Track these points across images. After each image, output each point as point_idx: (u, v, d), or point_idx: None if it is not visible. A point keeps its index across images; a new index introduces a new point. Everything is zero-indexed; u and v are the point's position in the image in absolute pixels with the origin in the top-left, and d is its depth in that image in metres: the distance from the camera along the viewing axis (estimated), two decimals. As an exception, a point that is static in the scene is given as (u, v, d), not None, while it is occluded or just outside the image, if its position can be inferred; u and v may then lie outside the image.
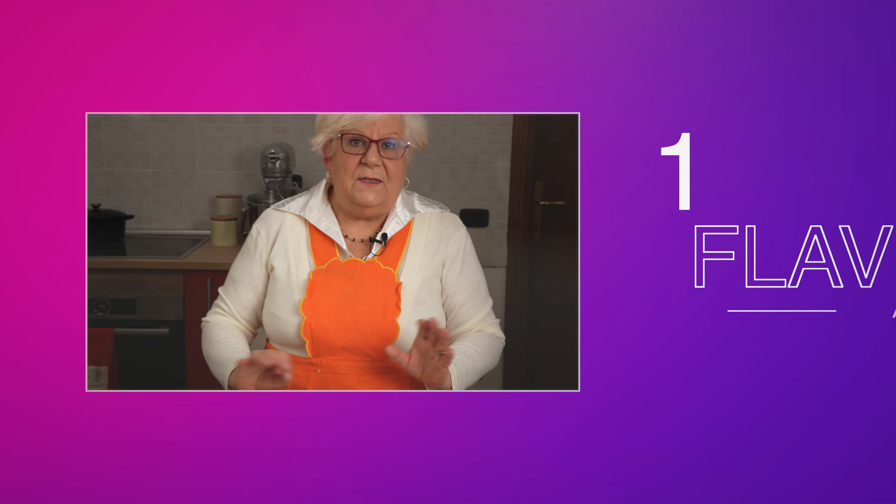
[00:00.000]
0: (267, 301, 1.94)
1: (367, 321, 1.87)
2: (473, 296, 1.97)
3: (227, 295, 1.99)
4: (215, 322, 1.98)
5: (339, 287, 1.88)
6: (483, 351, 1.92)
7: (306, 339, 1.86)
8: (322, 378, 1.88)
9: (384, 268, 1.92)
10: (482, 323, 1.99)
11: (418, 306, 1.89)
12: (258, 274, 1.96)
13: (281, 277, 1.91)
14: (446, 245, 1.95)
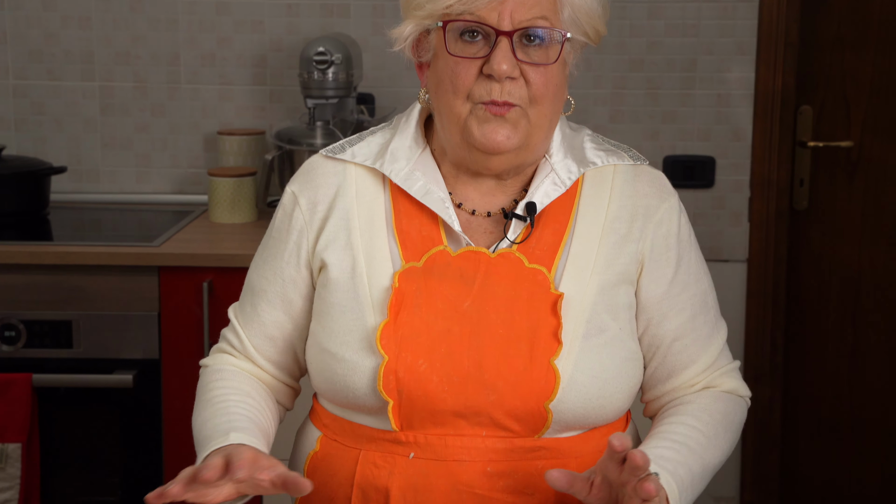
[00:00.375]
0: (314, 327, 1.67)
1: (500, 364, 1.58)
2: (696, 322, 1.71)
3: (240, 317, 1.75)
4: (216, 367, 1.74)
5: (449, 301, 1.61)
6: (717, 435, 1.68)
7: (388, 397, 1.58)
8: (417, 469, 1.61)
9: (530, 266, 1.64)
10: (711, 372, 1.73)
11: (593, 339, 1.62)
12: (294, 278, 1.71)
13: (338, 284, 1.65)
14: (644, 226, 1.69)
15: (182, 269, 2.87)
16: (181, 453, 2.90)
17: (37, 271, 2.88)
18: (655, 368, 1.71)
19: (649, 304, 1.69)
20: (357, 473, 1.63)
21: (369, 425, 1.63)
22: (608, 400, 1.61)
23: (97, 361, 2.87)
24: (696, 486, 1.61)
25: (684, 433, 1.64)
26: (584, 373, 1.60)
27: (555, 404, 1.58)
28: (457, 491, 1.59)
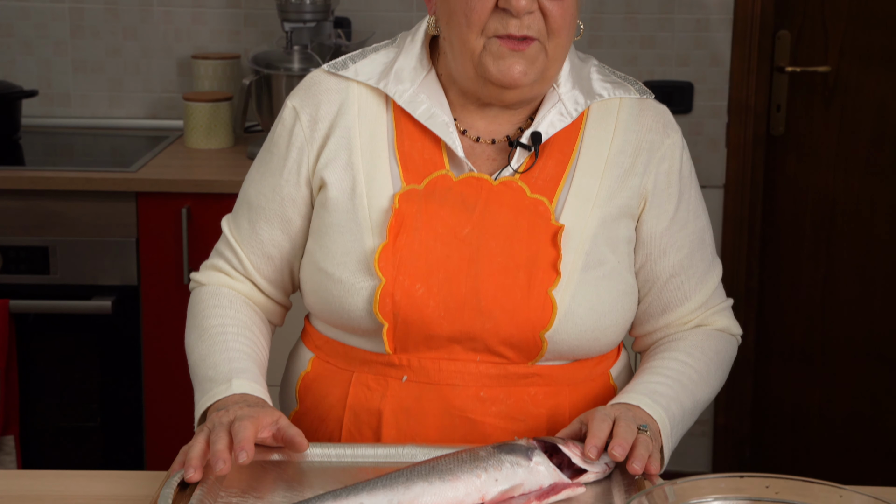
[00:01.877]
0: (310, 246, 1.64)
1: (498, 292, 1.56)
2: (693, 259, 1.68)
3: (236, 233, 1.71)
4: (210, 289, 1.71)
5: (449, 226, 1.59)
6: (709, 372, 1.66)
7: (384, 320, 1.57)
8: (409, 392, 1.59)
9: (532, 196, 1.61)
10: (705, 310, 1.71)
11: (591, 271, 1.60)
12: (294, 197, 1.67)
13: (338, 204, 1.62)
14: (648, 162, 1.66)
15: (160, 194, 2.85)
16: (160, 379, 2.91)
17: (11, 196, 2.85)
18: (650, 304, 1.70)
19: (649, 240, 1.68)
20: (349, 395, 1.62)
21: (363, 348, 1.62)
22: (602, 332, 1.61)
23: (75, 288, 2.86)
24: (686, 421, 1.61)
25: (677, 369, 1.64)
26: (581, 304, 1.59)
27: (550, 334, 1.58)
28: (449, 415, 1.59)
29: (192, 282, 1.75)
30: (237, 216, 1.72)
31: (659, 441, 1.51)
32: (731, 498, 1.19)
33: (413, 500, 1.30)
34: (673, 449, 1.55)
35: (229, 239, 1.72)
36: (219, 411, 1.49)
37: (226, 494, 1.37)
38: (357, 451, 1.49)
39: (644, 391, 1.57)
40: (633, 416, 1.49)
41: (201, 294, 1.72)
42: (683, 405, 1.60)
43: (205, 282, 1.73)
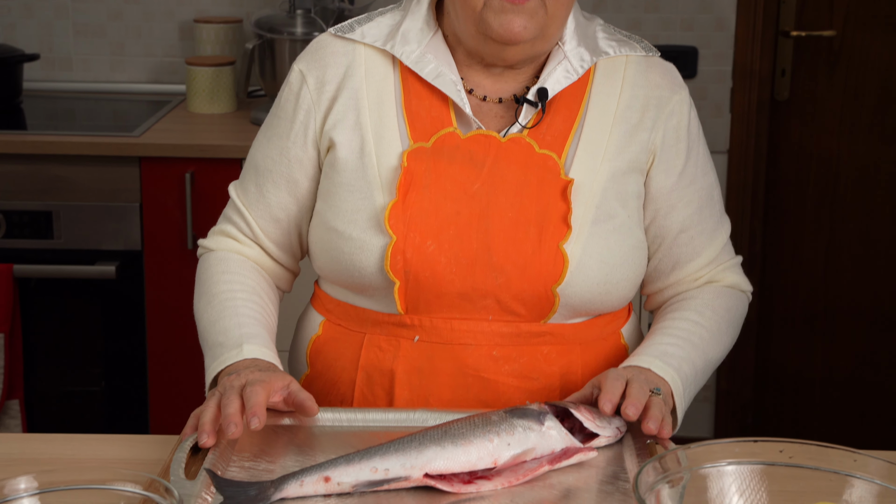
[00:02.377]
0: (319, 207, 1.64)
1: (509, 247, 1.56)
2: (702, 214, 1.68)
3: (243, 197, 1.71)
4: (219, 254, 1.70)
5: (458, 183, 1.59)
6: (720, 330, 1.65)
7: (395, 278, 1.56)
8: (422, 352, 1.59)
9: (540, 151, 1.61)
10: (715, 266, 1.71)
11: (602, 225, 1.60)
12: (301, 158, 1.67)
13: (347, 163, 1.62)
14: (657, 117, 1.66)
15: (163, 159, 2.83)
16: (164, 344, 2.91)
17: (14, 161, 2.83)
18: (660, 260, 1.70)
19: (658, 195, 1.67)
20: (362, 357, 1.62)
21: (374, 309, 1.62)
22: (614, 286, 1.61)
23: (79, 252, 2.85)
24: (698, 381, 1.61)
25: (688, 329, 1.64)
26: (593, 257, 1.59)
27: (562, 288, 1.57)
28: (462, 374, 1.59)
29: (200, 248, 1.74)
30: (244, 181, 1.72)
31: (671, 404, 1.51)
32: (744, 462, 1.19)
33: (426, 465, 1.30)
34: (686, 409, 1.55)
35: (237, 203, 1.71)
36: (230, 375, 1.49)
37: (238, 459, 1.37)
38: (368, 416, 1.49)
39: (655, 353, 1.56)
40: (646, 379, 1.48)
41: (210, 260, 1.71)
42: (695, 365, 1.60)
43: (213, 247, 1.72)
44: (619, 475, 1.34)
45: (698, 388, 1.61)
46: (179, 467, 1.32)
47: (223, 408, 1.42)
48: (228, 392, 1.45)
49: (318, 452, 1.40)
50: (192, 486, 1.28)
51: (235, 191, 1.72)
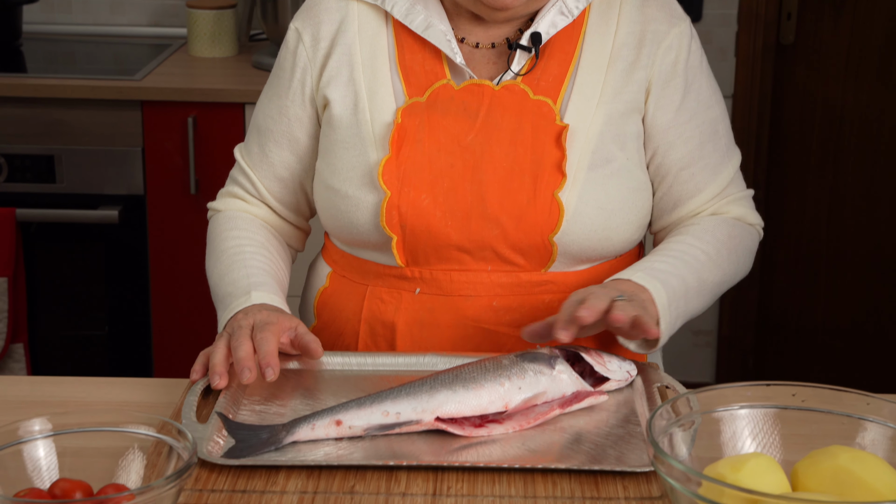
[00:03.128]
0: (319, 165, 1.64)
1: (503, 198, 1.55)
2: (704, 150, 1.64)
3: (248, 158, 1.71)
4: (228, 213, 1.70)
5: (452, 135, 1.57)
6: (719, 254, 1.61)
7: (392, 233, 1.56)
8: (422, 304, 1.59)
9: (535, 98, 1.59)
10: (719, 200, 1.67)
11: (599, 170, 1.58)
12: (300, 116, 1.67)
13: (341, 120, 1.61)
14: (654, 52, 1.62)
15: (165, 103, 2.81)
16: (167, 288, 2.91)
17: (14, 104, 2.81)
18: (661, 198, 1.66)
19: (656, 132, 1.63)
20: (364, 309, 1.62)
21: (375, 261, 1.62)
22: (614, 231, 1.58)
23: (81, 197, 2.84)
24: (690, 298, 1.56)
25: (681, 249, 1.60)
26: (589, 204, 1.57)
27: (559, 237, 1.56)
28: (463, 325, 1.58)
29: (210, 210, 1.74)
30: (248, 142, 1.72)
31: (654, 312, 1.47)
32: (757, 406, 1.19)
33: (437, 408, 1.30)
34: (676, 326, 1.51)
35: (242, 165, 1.71)
36: (236, 314, 1.49)
37: (248, 402, 1.37)
38: (378, 360, 1.49)
39: (639, 268, 1.53)
40: (615, 288, 1.45)
41: (218, 220, 1.71)
42: (686, 281, 1.55)
43: (221, 208, 1.72)
44: (630, 419, 1.34)
45: (694, 309, 1.57)
46: (191, 410, 1.32)
47: (234, 350, 1.42)
48: (237, 333, 1.44)
49: (328, 396, 1.40)
50: (204, 429, 1.28)
51: (240, 153, 1.73)
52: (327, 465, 1.23)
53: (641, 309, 1.44)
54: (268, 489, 1.19)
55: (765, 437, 1.18)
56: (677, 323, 1.52)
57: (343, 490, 1.19)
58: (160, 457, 1.19)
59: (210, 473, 1.22)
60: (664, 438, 1.13)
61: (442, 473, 1.23)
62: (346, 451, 1.26)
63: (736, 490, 1.03)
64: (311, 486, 1.20)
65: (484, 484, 1.21)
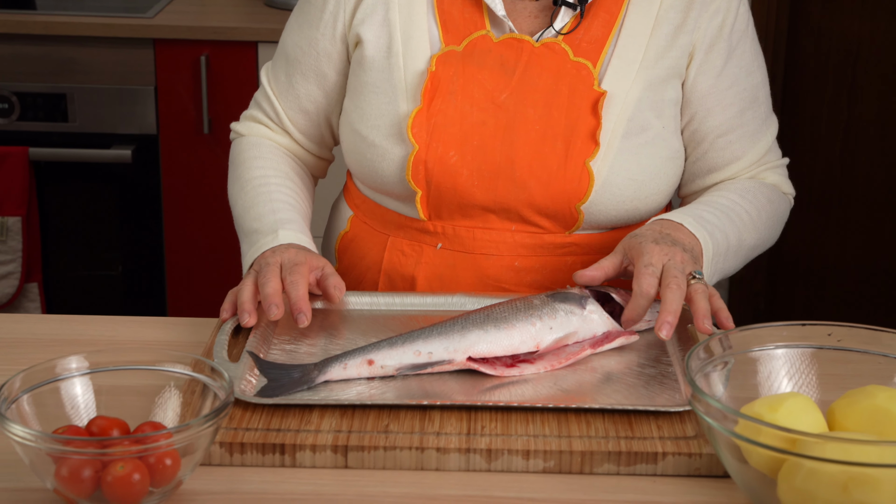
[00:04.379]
0: (347, 105, 1.60)
1: (533, 162, 1.51)
2: (744, 117, 1.59)
3: (274, 85, 1.67)
4: (251, 139, 1.67)
5: (486, 91, 1.53)
6: (760, 217, 1.57)
7: (417, 187, 1.53)
8: (443, 260, 1.56)
9: (575, 59, 1.54)
10: (756, 167, 1.62)
11: (633, 139, 1.53)
12: (329, 52, 1.62)
13: (373, 63, 1.57)
14: (700, 16, 1.56)
15: (177, 42, 2.79)
16: (180, 228, 2.91)
17: (25, 42, 2.79)
18: (694, 163, 1.62)
19: (695, 98, 1.59)
20: (385, 259, 1.60)
21: (399, 211, 1.60)
22: (643, 202, 1.55)
23: (94, 136, 2.83)
24: (728, 257, 1.52)
25: (727, 205, 1.55)
26: (620, 175, 1.53)
27: (586, 206, 1.53)
28: (482, 284, 1.57)
29: (232, 132, 1.72)
30: (276, 67, 1.68)
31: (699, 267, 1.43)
32: (793, 346, 1.19)
33: (469, 348, 1.30)
34: (711, 283, 1.48)
35: (268, 91, 1.68)
36: (264, 252, 1.48)
37: (278, 341, 1.37)
38: (405, 300, 1.48)
39: (690, 213, 1.49)
40: (682, 262, 1.39)
41: (242, 145, 1.68)
42: (728, 238, 1.51)
43: (245, 132, 1.70)
44: (661, 358, 1.34)
45: (728, 270, 1.54)
46: (222, 349, 1.32)
47: (261, 287, 1.41)
48: (265, 270, 1.43)
49: (357, 336, 1.39)
50: (236, 368, 1.28)
51: (267, 77, 1.69)
52: (361, 405, 1.23)
53: (706, 294, 1.37)
54: (302, 428, 1.20)
55: (801, 377, 1.18)
56: (713, 279, 1.50)
57: (377, 429, 1.20)
58: (193, 395, 1.19)
59: (244, 412, 1.22)
60: (701, 377, 1.13)
61: (475, 413, 1.23)
62: (377, 391, 1.27)
63: (775, 429, 1.03)
64: (346, 424, 1.20)
65: (518, 423, 1.21)
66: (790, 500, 1.05)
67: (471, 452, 1.17)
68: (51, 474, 1.07)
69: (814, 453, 1.01)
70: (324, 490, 1.14)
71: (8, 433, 1.06)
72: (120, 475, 1.06)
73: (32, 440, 1.05)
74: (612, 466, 1.17)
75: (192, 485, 1.14)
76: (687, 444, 1.17)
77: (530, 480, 1.16)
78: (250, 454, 1.17)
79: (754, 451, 1.06)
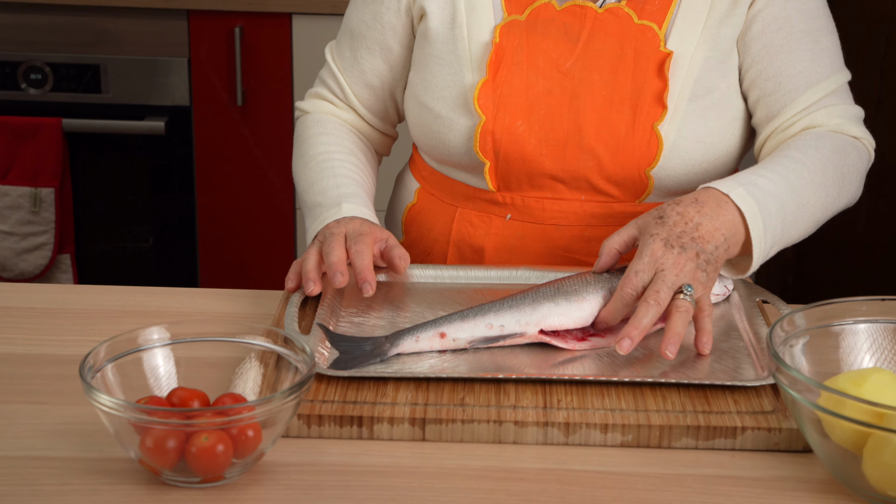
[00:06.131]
0: (412, 78, 1.60)
1: (601, 129, 1.50)
2: (798, 55, 1.54)
3: (339, 61, 1.67)
4: (316, 116, 1.68)
5: (551, 59, 1.52)
6: (824, 171, 1.47)
7: (485, 158, 1.54)
8: (513, 230, 1.57)
9: (639, 22, 1.53)
10: (815, 110, 1.54)
11: (700, 101, 1.52)
12: (394, 25, 1.62)
13: (438, 34, 1.57)
14: None
15: (211, 13, 2.77)
16: (213, 201, 2.90)
17: (59, 12, 2.77)
18: (754, 112, 1.56)
19: (748, 40, 1.55)
20: (453, 231, 1.61)
21: (467, 183, 1.60)
22: (712, 164, 1.54)
23: (127, 107, 2.82)
24: (787, 226, 1.42)
25: (786, 165, 1.46)
26: (688, 138, 1.52)
27: (656, 171, 1.52)
28: (552, 254, 1.56)
29: (297, 110, 1.72)
30: (340, 44, 1.68)
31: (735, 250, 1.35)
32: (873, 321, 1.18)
33: (540, 321, 1.30)
34: (770, 253, 1.40)
35: (332, 68, 1.68)
36: (328, 224, 1.48)
37: (346, 314, 1.37)
38: (470, 273, 1.48)
39: (743, 181, 1.40)
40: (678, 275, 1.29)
41: (307, 122, 1.68)
42: (785, 207, 1.41)
43: (309, 110, 1.70)
44: (731, 333, 1.34)
45: (788, 240, 1.43)
46: (293, 321, 1.32)
47: (326, 256, 1.41)
48: (330, 240, 1.43)
49: (424, 308, 1.39)
50: (307, 340, 1.28)
51: (331, 54, 1.69)
52: (436, 378, 1.23)
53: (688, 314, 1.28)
54: (378, 400, 1.20)
55: (883, 352, 1.18)
56: (773, 250, 1.41)
57: (453, 402, 1.20)
58: (268, 367, 1.19)
59: (318, 385, 1.22)
60: (784, 350, 1.13)
61: (550, 386, 1.23)
62: (450, 364, 1.26)
63: (862, 403, 1.03)
64: (421, 397, 1.20)
65: (594, 397, 1.21)
66: (877, 475, 1.05)
67: (548, 426, 1.17)
68: (135, 444, 1.07)
69: (902, 428, 1.02)
70: (403, 462, 1.14)
71: (94, 402, 1.06)
72: (204, 446, 1.06)
73: (119, 410, 1.05)
74: (691, 441, 1.17)
75: (273, 456, 1.14)
76: (766, 418, 1.17)
77: (609, 454, 1.16)
78: (328, 426, 1.17)
79: (838, 425, 1.06)
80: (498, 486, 1.11)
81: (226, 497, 1.08)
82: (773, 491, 1.11)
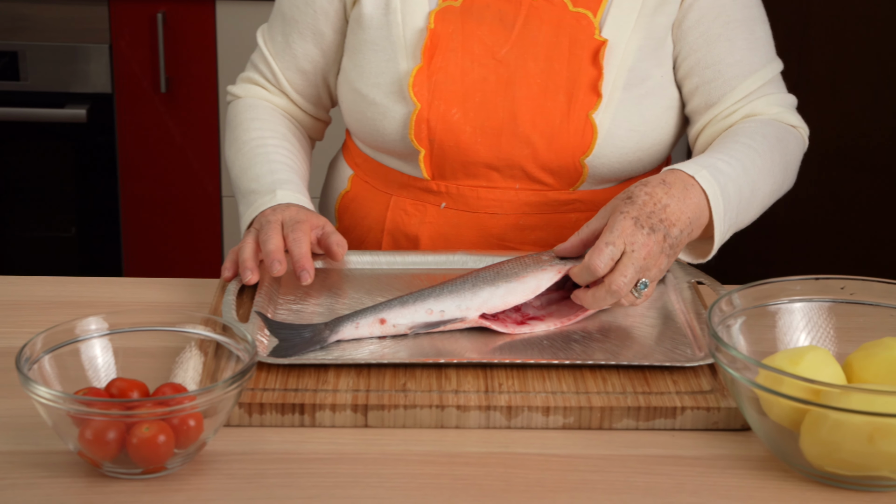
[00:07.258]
0: (345, 64, 1.60)
1: (536, 117, 1.51)
2: (735, 45, 1.55)
3: (270, 46, 1.66)
4: (248, 101, 1.67)
5: (486, 46, 1.53)
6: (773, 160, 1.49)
7: (420, 146, 1.53)
8: (447, 219, 1.57)
9: (574, 9, 1.54)
10: (753, 99, 1.56)
11: (634, 89, 1.53)
12: (326, 9, 1.60)
13: (371, 20, 1.56)
14: None
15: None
16: (137, 189, 2.87)
17: (-27, -2, 2.74)
18: (690, 100, 1.57)
19: (683, 29, 1.56)
20: (387, 219, 1.60)
21: (401, 170, 1.59)
22: (646, 153, 1.55)
23: (47, 95, 2.78)
24: (741, 212, 1.44)
25: (741, 150, 1.47)
26: (622, 126, 1.53)
27: (591, 159, 1.53)
28: (487, 243, 1.57)
29: (229, 94, 1.70)
30: (272, 28, 1.66)
31: (677, 253, 1.35)
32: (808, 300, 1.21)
33: (481, 306, 1.31)
34: (726, 236, 1.42)
35: (264, 52, 1.67)
36: (264, 211, 1.47)
37: (284, 301, 1.37)
38: (407, 259, 1.49)
39: (706, 163, 1.40)
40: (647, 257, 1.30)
41: (239, 107, 1.67)
42: (741, 192, 1.43)
43: (241, 94, 1.69)
44: (667, 314, 1.36)
45: (739, 224, 1.45)
46: (231, 310, 1.31)
47: (263, 244, 1.40)
48: (266, 227, 1.42)
49: (362, 295, 1.39)
50: (246, 329, 1.27)
51: (263, 38, 1.67)
52: (377, 364, 1.23)
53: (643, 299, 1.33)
54: (319, 388, 1.19)
55: (817, 330, 1.20)
56: (727, 234, 1.43)
57: (395, 388, 1.20)
58: (207, 356, 1.19)
59: (259, 373, 1.22)
60: (722, 330, 1.15)
61: (491, 370, 1.24)
62: (391, 350, 1.27)
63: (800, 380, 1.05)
64: (363, 384, 1.21)
65: (534, 380, 1.22)
66: (814, 451, 1.07)
67: (491, 410, 1.18)
68: (74, 437, 1.06)
69: (839, 404, 1.04)
70: (346, 449, 1.14)
71: (32, 394, 1.05)
72: (145, 437, 1.05)
73: (57, 402, 1.04)
74: (632, 422, 1.19)
75: (215, 446, 1.13)
76: (704, 398, 1.19)
77: (551, 436, 1.17)
78: (269, 414, 1.17)
79: (776, 403, 1.08)
80: (442, 470, 1.12)
81: (168, 488, 1.08)
82: (714, 469, 1.13)
